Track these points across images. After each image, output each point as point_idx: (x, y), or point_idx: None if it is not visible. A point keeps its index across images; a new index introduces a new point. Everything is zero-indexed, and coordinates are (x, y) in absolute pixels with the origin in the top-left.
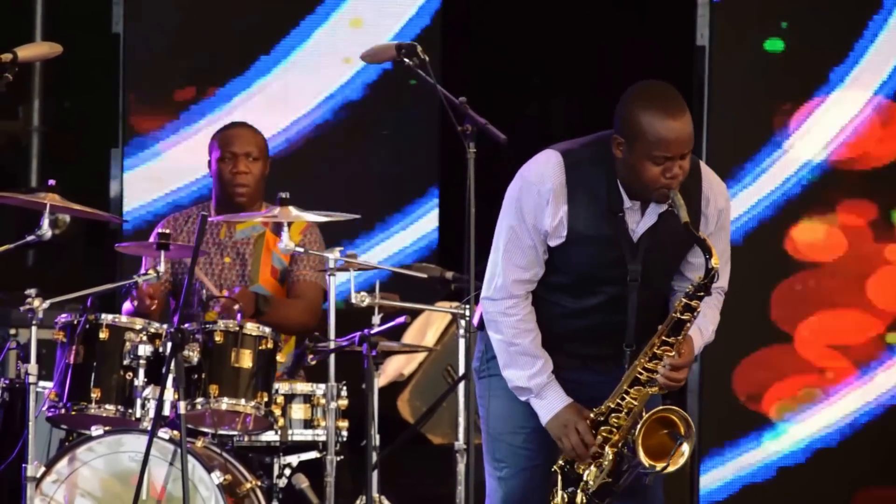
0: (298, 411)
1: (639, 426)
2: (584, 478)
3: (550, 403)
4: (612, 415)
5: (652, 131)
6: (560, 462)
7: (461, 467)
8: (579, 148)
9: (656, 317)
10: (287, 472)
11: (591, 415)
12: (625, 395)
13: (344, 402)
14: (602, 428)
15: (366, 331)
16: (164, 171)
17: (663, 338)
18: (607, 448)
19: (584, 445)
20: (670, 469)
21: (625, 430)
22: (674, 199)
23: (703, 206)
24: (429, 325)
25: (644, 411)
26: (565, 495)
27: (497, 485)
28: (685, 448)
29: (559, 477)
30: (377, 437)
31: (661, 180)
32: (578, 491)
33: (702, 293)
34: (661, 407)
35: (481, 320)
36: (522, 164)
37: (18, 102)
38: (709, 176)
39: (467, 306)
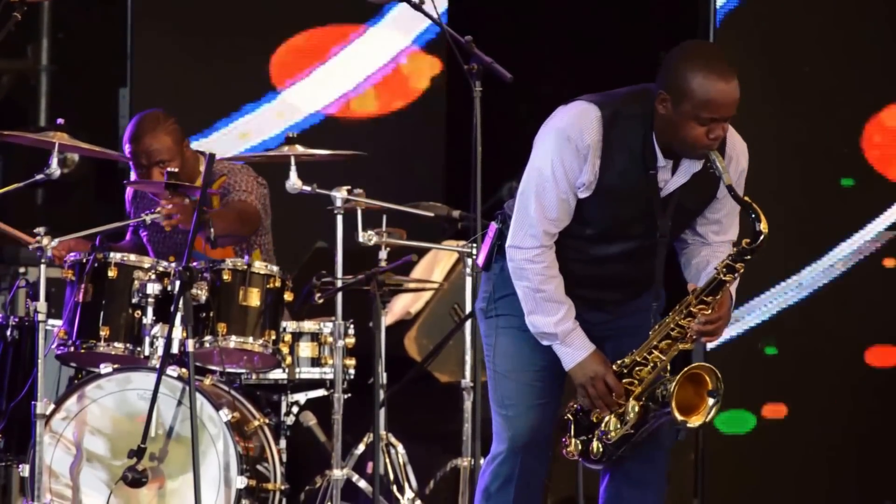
0: (306, 349)
1: (675, 381)
2: (603, 427)
3: (576, 351)
4: (637, 367)
5: (702, 92)
6: (573, 408)
7: (468, 405)
8: (616, 101)
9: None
10: (295, 409)
11: (614, 367)
12: (653, 350)
13: (351, 341)
14: (624, 380)
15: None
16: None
17: (702, 297)
18: (631, 400)
19: (612, 397)
20: (698, 423)
21: (647, 384)
22: (714, 162)
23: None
24: (436, 264)
25: (668, 366)
26: (579, 443)
27: (504, 424)
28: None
29: (571, 424)
30: (384, 375)
31: (704, 140)
32: (594, 439)
33: (748, 256)
34: (695, 364)
35: (487, 261)
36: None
37: (27, 41)
38: (733, 136)
39: (474, 245)
